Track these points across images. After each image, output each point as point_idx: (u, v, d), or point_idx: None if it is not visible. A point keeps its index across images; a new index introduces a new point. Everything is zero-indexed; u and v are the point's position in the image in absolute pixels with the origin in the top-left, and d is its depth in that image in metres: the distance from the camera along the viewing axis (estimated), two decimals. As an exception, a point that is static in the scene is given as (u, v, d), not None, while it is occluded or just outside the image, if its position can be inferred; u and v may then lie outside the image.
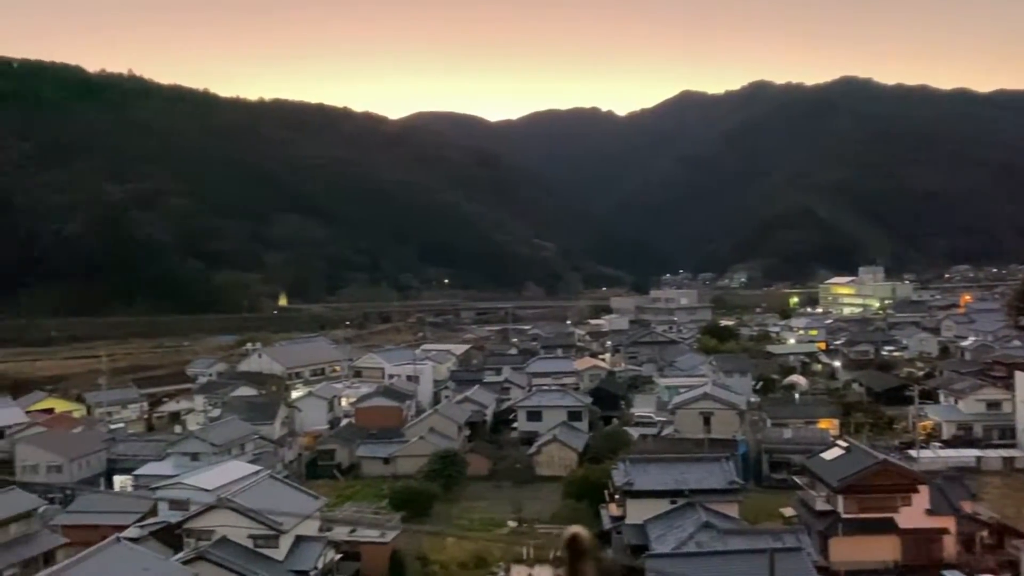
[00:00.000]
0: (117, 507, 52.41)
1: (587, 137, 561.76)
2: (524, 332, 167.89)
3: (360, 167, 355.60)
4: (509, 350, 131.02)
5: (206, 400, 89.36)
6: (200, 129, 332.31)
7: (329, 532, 46.15)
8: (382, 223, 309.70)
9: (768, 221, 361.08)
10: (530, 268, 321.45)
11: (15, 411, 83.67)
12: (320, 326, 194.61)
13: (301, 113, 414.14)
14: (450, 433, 72.80)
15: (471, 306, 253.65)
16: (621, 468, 48.51)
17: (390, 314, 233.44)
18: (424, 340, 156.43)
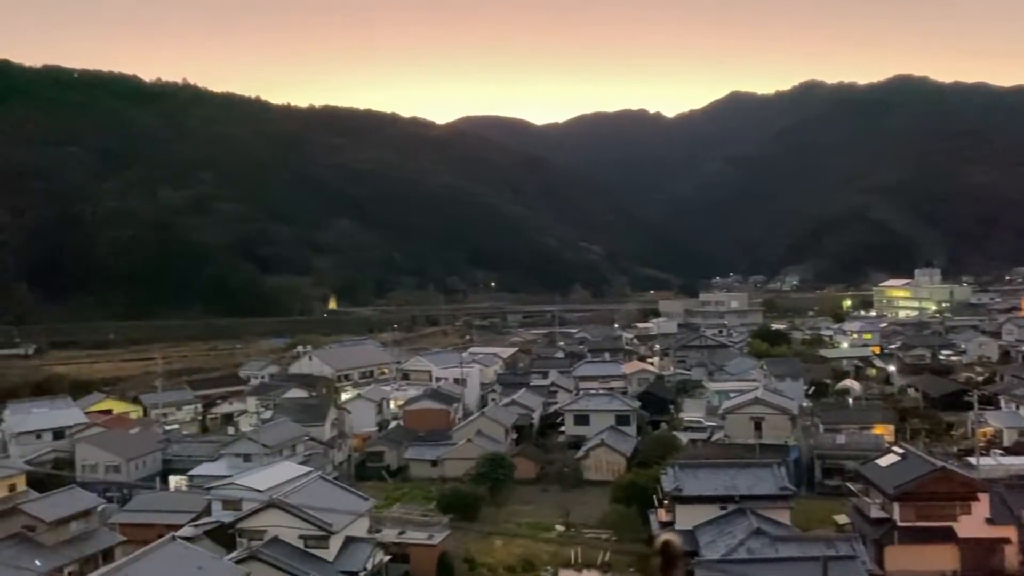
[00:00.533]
0: (172, 506, 53.40)
1: (635, 139, 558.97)
2: (571, 335, 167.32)
3: (408, 172, 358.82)
4: (556, 353, 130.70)
5: (258, 402, 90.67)
6: (252, 136, 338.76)
7: (378, 533, 46.50)
8: (429, 227, 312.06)
9: (820, 223, 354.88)
10: (577, 271, 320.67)
11: (75, 412, 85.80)
12: (369, 329, 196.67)
13: (350, 119, 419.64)
14: (497, 436, 72.82)
15: (517, 309, 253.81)
16: (670, 473, 47.97)
17: (437, 317, 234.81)
18: (471, 343, 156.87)
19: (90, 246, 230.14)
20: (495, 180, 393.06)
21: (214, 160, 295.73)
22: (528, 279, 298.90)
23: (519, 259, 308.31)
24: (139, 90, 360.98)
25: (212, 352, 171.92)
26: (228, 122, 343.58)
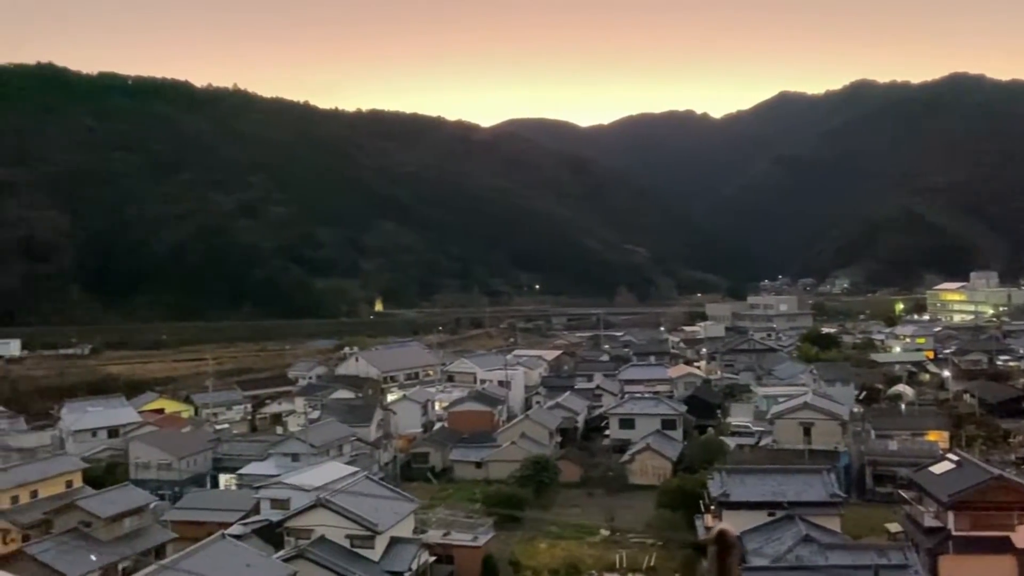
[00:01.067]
0: (222, 505, 54.29)
1: (681, 141, 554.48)
2: (616, 338, 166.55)
3: (453, 175, 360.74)
4: (601, 356, 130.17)
5: (306, 402, 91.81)
6: (300, 140, 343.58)
7: (423, 534, 46.76)
8: (474, 229, 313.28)
9: (872, 224, 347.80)
10: (622, 274, 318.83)
11: (129, 411, 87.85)
12: (414, 331, 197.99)
13: (396, 123, 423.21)
14: (541, 439, 72.73)
15: (562, 312, 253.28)
16: (717, 478, 47.46)
17: (482, 319, 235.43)
18: (515, 345, 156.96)
19: (143, 249, 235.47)
20: (540, 182, 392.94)
21: (264, 164, 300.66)
22: (573, 281, 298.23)
23: (564, 261, 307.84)
24: (191, 96, 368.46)
25: (261, 353, 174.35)
26: (277, 127, 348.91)
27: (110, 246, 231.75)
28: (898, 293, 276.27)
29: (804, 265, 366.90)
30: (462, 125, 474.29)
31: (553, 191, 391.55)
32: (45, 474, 56.63)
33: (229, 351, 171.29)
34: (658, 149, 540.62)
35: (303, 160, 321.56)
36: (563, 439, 78.48)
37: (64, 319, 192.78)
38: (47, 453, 68.85)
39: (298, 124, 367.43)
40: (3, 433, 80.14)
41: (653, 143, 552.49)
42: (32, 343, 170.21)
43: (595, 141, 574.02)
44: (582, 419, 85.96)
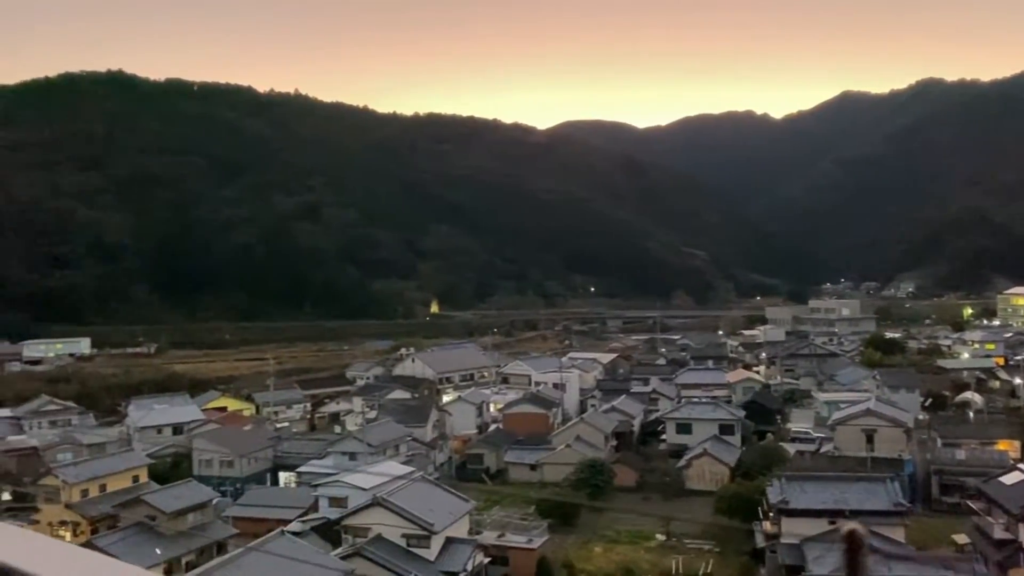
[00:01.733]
0: (282, 502, 55.23)
1: (741, 142, 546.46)
2: (673, 342, 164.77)
3: (508, 177, 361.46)
4: (657, 360, 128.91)
5: (364, 402, 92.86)
6: (359, 144, 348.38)
7: (478, 535, 46.94)
8: (529, 232, 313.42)
9: (939, 227, 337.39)
10: (680, 276, 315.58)
11: (193, 409, 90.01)
12: (469, 333, 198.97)
13: (453, 126, 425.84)
14: (596, 442, 72.37)
15: (618, 314, 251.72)
16: (776, 485, 46.67)
17: (537, 322, 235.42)
18: (570, 348, 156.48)
19: (207, 250, 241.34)
20: (596, 184, 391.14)
21: (324, 167, 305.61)
22: (629, 284, 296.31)
23: (620, 264, 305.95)
24: (253, 101, 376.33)
25: (320, 353, 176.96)
26: (337, 131, 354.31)
27: (176, 247, 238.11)
28: (966, 297, 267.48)
29: (868, 268, 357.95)
30: (518, 127, 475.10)
31: (609, 193, 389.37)
32: (113, 469, 58.45)
33: (289, 351, 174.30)
34: (717, 150, 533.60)
35: (361, 163, 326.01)
36: (618, 443, 77.93)
37: (132, 319, 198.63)
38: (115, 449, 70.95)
39: (357, 128, 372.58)
40: (74, 429, 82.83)
41: (712, 144, 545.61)
42: (101, 342, 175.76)
43: (652, 142, 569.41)
44: (638, 423, 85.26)
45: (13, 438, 79.15)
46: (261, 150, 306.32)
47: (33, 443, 76.69)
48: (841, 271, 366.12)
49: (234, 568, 32.71)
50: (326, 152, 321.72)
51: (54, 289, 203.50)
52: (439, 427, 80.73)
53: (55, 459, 67.47)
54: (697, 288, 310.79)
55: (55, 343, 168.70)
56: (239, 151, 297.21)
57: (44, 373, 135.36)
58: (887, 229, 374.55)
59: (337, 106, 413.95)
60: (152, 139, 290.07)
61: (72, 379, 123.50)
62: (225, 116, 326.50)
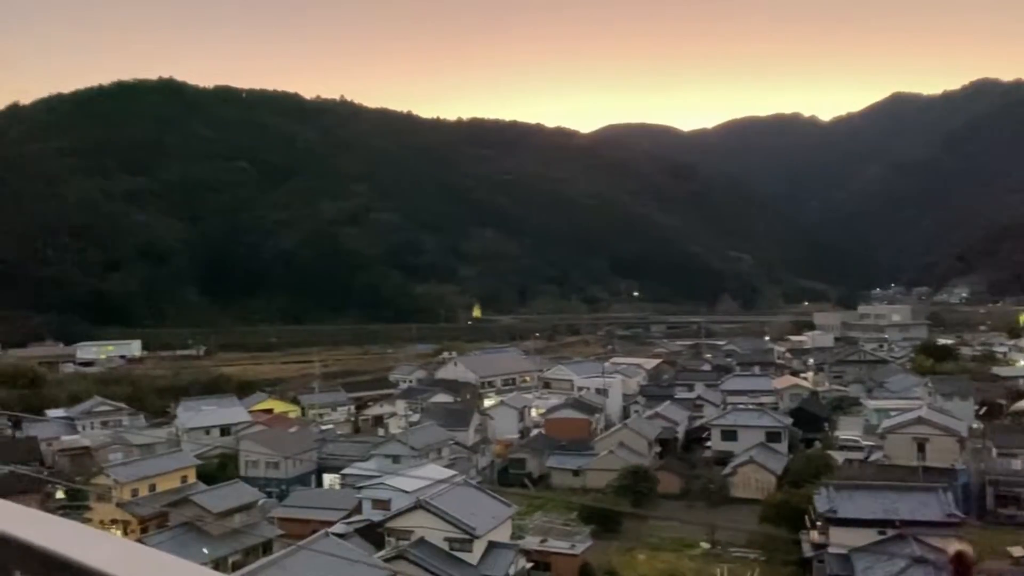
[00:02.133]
0: (326, 503, 55.63)
1: (788, 144, 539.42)
2: (718, 347, 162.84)
3: (551, 181, 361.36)
4: (702, 366, 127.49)
5: (407, 405, 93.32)
6: (403, 149, 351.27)
7: (520, 540, 46.79)
8: (572, 236, 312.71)
9: (994, 231, 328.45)
10: (725, 281, 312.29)
11: (240, 410, 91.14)
12: (511, 337, 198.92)
13: (496, 131, 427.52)
14: (640, 449, 71.76)
15: (662, 319, 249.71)
16: (824, 494, 45.80)
17: (579, 326, 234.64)
18: (613, 353, 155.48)
19: (255, 254, 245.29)
20: (640, 188, 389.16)
21: (369, 173, 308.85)
22: (673, 289, 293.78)
23: (664, 268, 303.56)
24: (300, 107, 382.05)
25: (364, 356, 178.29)
26: (382, 136, 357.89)
27: (224, 251, 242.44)
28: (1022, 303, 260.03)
29: (919, 273, 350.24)
30: (561, 131, 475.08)
31: (654, 196, 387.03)
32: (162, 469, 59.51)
33: (334, 354, 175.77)
34: (764, 153, 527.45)
35: (405, 168, 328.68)
36: (662, 450, 77.19)
37: (181, 321, 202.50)
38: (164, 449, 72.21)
39: (401, 133, 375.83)
40: (125, 429, 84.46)
41: (758, 147, 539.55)
42: (151, 344, 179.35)
43: (698, 145, 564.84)
44: (682, 430, 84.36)
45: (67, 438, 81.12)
46: (307, 156, 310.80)
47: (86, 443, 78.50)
48: (891, 276, 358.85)
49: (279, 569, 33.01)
50: (371, 158, 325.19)
51: (106, 292, 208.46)
52: (481, 431, 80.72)
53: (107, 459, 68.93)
54: (743, 293, 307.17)
55: (107, 345, 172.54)
56: (286, 157, 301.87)
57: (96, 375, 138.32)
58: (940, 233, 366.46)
59: (382, 112, 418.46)
60: (201, 145, 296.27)
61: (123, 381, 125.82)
62: (272, 122, 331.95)
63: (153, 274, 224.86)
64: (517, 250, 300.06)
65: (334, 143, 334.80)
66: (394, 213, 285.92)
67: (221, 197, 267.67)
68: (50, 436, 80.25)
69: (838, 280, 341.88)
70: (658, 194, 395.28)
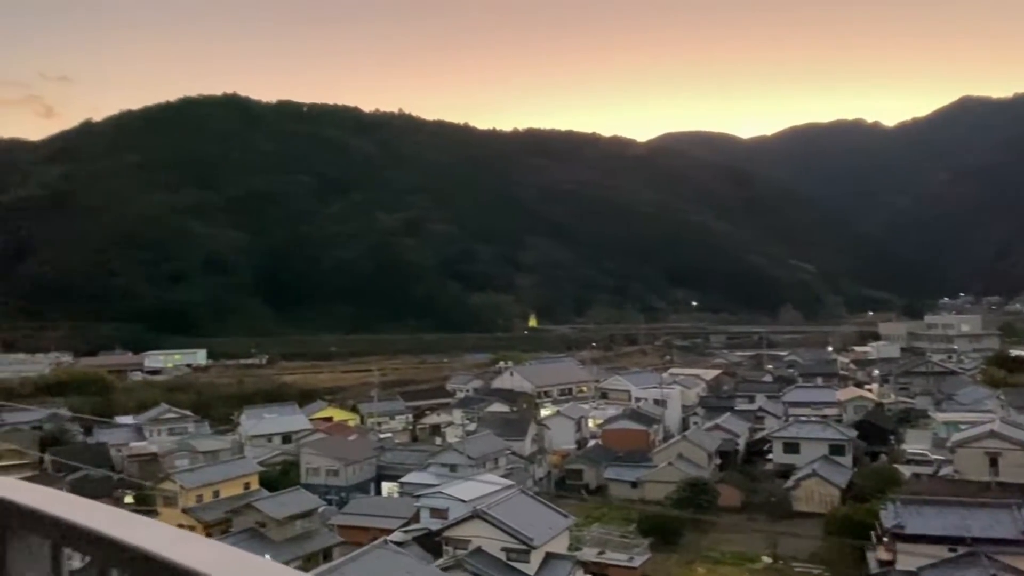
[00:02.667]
0: (384, 512, 56.13)
1: (851, 151, 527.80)
2: (780, 358, 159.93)
3: (608, 190, 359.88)
4: (763, 377, 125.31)
5: (463, 414, 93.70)
6: (460, 160, 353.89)
7: (578, 552, 46.53)
8: (629, 245, 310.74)
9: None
10: (786, 291, 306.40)
11: (301, 418, 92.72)
12: (567, 347, 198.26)
13: (551, 141, 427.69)
14: (699, 461, 70.81)
15: (721, 330, 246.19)
16: (891, 509, 44.54)
17: (636, 336, 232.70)
18: (671, 364, 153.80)
19: (315, 265, 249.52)
20: (698, 196, 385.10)
21: (426, 184, 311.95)
22: (733, 298, 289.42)
23: (723, 277, 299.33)
24: (359, 120, 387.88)
25: (421, 365, 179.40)
26: (438, 148, 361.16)
27: (285, 262, 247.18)
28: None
29: (990, 282, 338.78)
30: (617, 140, 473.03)
31: (712, 205, 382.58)
32: (226, 476, 60.79)
33: (392, 363, 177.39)
34: (825, 160, 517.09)
35: (462, 179, 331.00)
36: (722, 462, 76.06)
37: (244, 331, 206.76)
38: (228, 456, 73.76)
39: (458, 145, 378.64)
40: (190, 436, 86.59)
41: (820, 154, 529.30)
42: (216, 353, 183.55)
43: (757, 153, 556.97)
44: (743, 442, 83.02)
45: (135, 444, 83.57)
46: (366, 168, 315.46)
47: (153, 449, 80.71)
48: (959, 285, 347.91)
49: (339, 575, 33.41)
50: (428, 169, 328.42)
51: (172, 303, 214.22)
52: (538, 441, 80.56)
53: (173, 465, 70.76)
54: (805, 303, 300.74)
55: (173, 354, 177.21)
56: (345, 169, 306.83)
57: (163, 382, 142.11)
58: (1011, 241, 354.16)
59: (439, 124, 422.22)
60: (264, 159, 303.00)
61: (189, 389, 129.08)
62: (332, 136, 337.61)
63: (217, 285, 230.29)
64: (573, 259, 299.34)
65: (392, 155, 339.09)
66: (450, 224, 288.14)
67: (282, 209, 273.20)
68: (119, 442, 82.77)
69: (903, 289, 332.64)
70: (716, 202, 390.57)
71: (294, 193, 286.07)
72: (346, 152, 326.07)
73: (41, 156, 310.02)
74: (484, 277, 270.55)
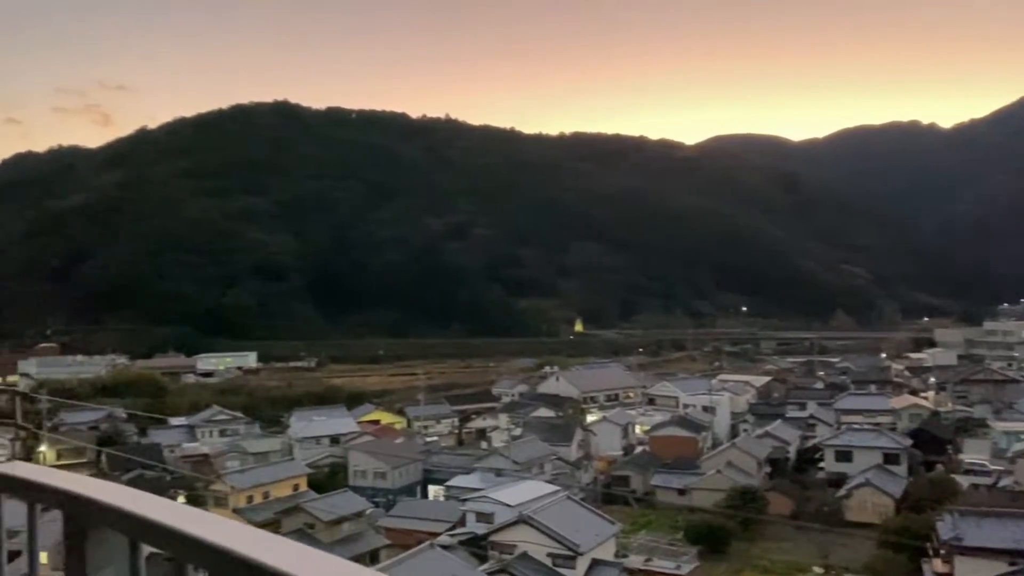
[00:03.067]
0: (431, 515, 56.30)
1: (905, 153, 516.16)
2: (831, 365, 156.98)
3: (654, 194, 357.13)
4: (814, 384, 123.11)
5: (509, 419, 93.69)
6: (506, 165, 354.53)
7: (624, 559, 46.11)
8: (676, 249, 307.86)
9: None
10: (838, 296, 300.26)
11: (349, 421, 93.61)
12: (613, 352, 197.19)
13: (598, 144, 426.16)
14: (749, 469, 69.76)
15: (771, 336, 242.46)
16: (948, 520, 43.32)
17: (684, 342, 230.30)
18: (720, 370, 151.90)
19: (363, 269, 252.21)
20: (747, 200, 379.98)
21: (471, 189, 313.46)
22: (783, 304, 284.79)
23: (773, 283, 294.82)
24: (407, 126, 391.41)
25: (467, 369, 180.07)
26: (484, 153, 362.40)
27: (333, 267, 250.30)
28: None
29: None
30: (664, 143, 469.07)
31: (762, 208, 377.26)
32: (276, 477, 61.59)
33: (439, 367, 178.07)
34: (879, 163, 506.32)
35: (507, 184, 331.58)
36: (772, 470, 74.84)
37: (294, 334, 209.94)
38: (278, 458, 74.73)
39: (503, 149, 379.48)
40: (241, 438, 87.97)
41: (873, 157, 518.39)
42: (266, 356, 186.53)
43: (808, 156, 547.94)
44: (794, 450, 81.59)
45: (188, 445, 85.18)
46: (413, 173, 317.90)
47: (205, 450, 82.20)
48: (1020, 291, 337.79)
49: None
50: (474, 174, 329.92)
51: (223, 306, 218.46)
52: (584, 447, 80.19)
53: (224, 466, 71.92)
54: (858, 308, 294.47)
55: (225, 357, 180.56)
56: (392, 175, 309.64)
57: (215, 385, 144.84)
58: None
59: (485, 129, 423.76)
60: (312, 164, 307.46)
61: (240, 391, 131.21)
62: (380, 142, 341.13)
63: (267, 289, 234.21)
64: (619, 264, 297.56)
65: (438, 160, 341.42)
66: (496, 228, 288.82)
67: (330, 214, 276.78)
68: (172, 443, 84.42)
69: (960, 295, 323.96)
70: (766, 206, 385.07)
71: (342, 198, 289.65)
72: (393, 158, 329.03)
73: (98, 163, 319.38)
74: (529, 281, 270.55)
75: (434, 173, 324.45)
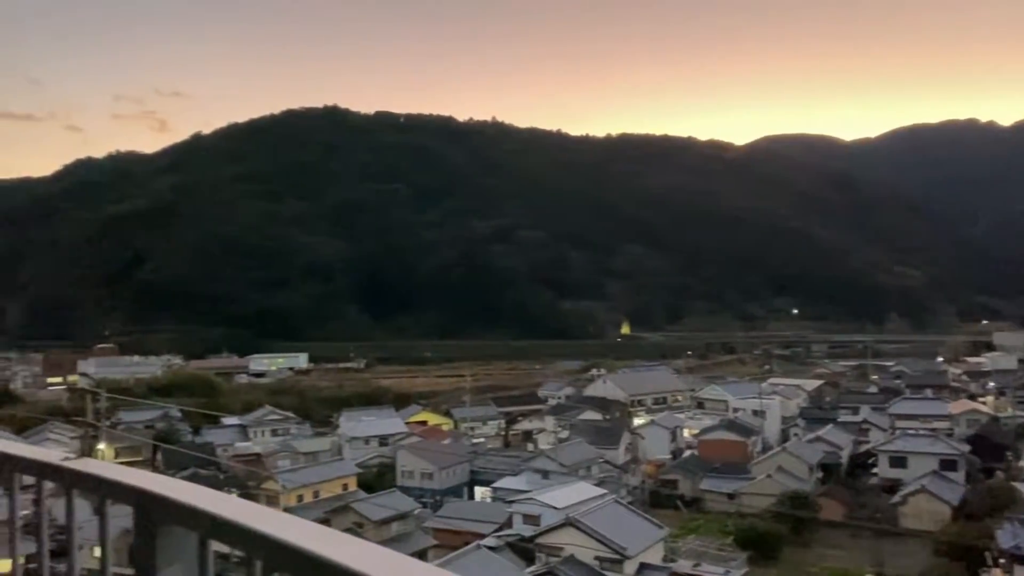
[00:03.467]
0: (478, 516, 56.42)
1: (962, 152, 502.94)
2: (885, 369, 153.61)
3: (703, 195, 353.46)
4: (868, 388, 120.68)
5: (556, 421, 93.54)
6: (552, 166, 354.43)
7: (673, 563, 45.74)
8: (726, 251, 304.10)
9: None
10: (892, 298, 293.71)
11: (397, 421, 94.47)
12: (661, 355, 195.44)
13: (646, 146, 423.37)
14: (800, 474, 68.63)
15: (823, 339, 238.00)
16: (1008, 529, 42.15)
17: (734, 345, 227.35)
18: (771, 373, 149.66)
19: (410, 272, 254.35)
20: (797, 201, 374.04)
21: (518, 191, 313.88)
22: (835, 307, 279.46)
23: (825, 285, 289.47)
24: (454, 129, 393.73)
25: (513, 371, 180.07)
26: (531, 155, 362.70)
27: (381, 269, 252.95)
28: None
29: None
30: (714, 144, 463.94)
31: (813, 209, 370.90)
32: (326, 477, 62.39)
33: (484, 368, 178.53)
34: (934, 162, 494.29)
35: (554, 186, 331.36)
36: (824, 475, 73.53)
37: (343, 336, 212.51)
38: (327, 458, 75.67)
39: (550, 151, 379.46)
40: (292, 438, 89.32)
41: (928, 156, 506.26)
42: (317, 357, 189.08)
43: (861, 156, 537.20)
44: (846, 455, 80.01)
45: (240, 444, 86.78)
46: (460, 176, 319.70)
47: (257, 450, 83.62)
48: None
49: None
50: (520, 176, 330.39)
51: (275, 308, 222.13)
52: (631, 450, 79.64)
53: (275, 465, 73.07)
54: (913, 311, 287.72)
55: (277, 358, 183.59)
56: (440, 178, 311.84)
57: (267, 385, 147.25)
58: None
59: (531, 131, 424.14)
60: (361, 168, 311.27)
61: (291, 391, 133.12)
62: (427, 145, 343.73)
63: (316, 291, 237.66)
64: (667, 266, 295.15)
65: (485, 163, 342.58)
66: (542, 230, 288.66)
67: (379, 218, 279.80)
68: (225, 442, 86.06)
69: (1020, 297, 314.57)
70: (818, 207, 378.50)
71: (390, 202, 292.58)
72: (441, 161, 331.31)
73: (154, 168, 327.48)
74: (576, 284, 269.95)
75: (481, 176, 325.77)
